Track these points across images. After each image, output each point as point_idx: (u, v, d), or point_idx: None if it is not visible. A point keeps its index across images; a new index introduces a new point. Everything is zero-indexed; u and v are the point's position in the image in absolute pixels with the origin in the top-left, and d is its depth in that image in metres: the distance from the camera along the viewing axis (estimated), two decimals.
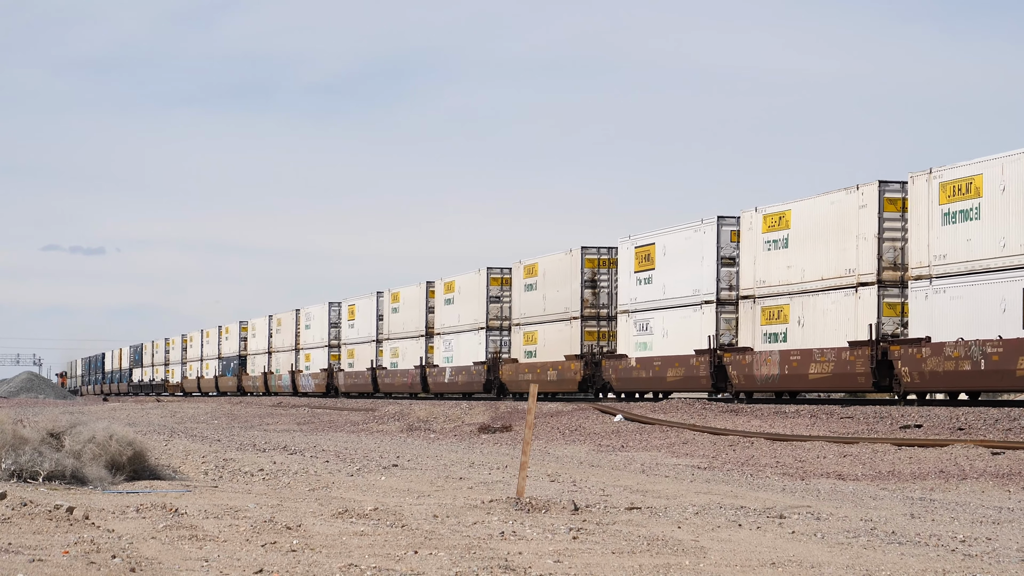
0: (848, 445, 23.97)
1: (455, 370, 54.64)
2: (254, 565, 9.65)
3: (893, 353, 30.37)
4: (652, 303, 40.51)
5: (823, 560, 10.44)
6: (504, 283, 52.19)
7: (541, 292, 47.56)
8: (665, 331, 39.82)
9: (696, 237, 38.57)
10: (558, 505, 13.71)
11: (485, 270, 52.36)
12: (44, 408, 59.87)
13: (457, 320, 54.86)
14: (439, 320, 56.90)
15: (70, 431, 16.96)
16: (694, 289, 38.39)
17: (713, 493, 16.54)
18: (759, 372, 35.08)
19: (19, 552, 9.91)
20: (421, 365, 58.19)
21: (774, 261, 34.87)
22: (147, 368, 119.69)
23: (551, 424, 33.97)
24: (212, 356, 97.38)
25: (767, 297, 35.10)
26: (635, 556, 10.50)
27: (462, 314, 54.46)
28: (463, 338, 54.27)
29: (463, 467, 20.90)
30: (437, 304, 57.43)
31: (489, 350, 51.85)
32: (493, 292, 52.22)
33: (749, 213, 35.79)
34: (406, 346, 60.67)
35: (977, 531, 12.67)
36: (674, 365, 38.87)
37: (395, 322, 62.38)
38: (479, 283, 53.05)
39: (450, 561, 10.00)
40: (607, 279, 44.67)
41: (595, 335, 44.78)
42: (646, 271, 41.07)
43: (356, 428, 39.66)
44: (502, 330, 52.09)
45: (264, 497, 15.07)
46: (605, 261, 44.61)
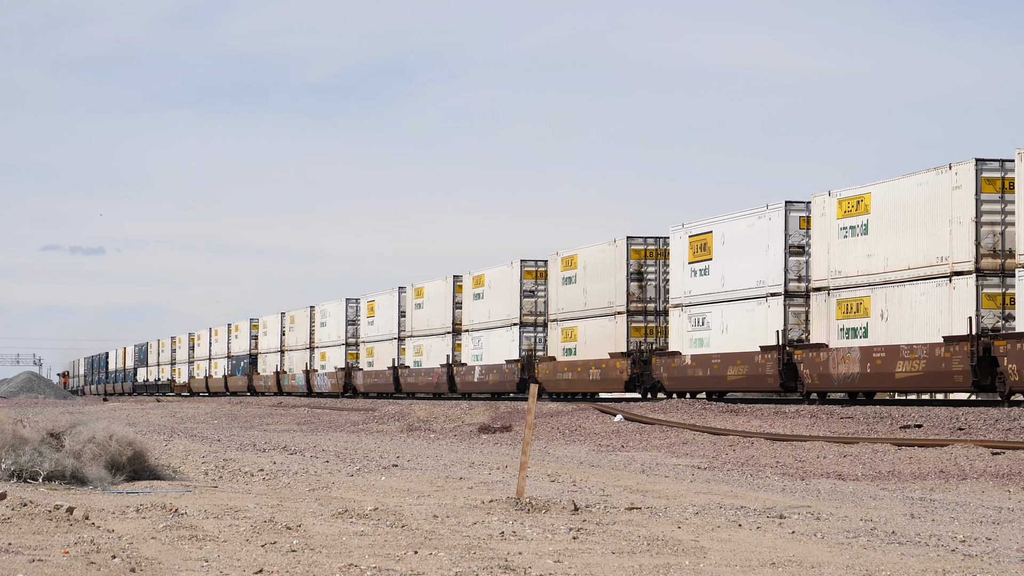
0: (848, 445, 23.98)
1: (485, 369, 51.86)
2: (254, 565, 9.65)
3: (997, 349, 27.86)
4: (709, 296, 37.75)
5: (823, 560, 10.44)
6: (539, 276, 49.48)
7: (581, 286, 44.78)
8: (724, 326, 37.07)
9: (760, 224, 35.81)
10: (558, 505, 13.71)
11: (518, 263, 49.66)
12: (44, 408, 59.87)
13: (487, 316, 52.06)
14: (467, 316, 54.00)
15: (70, 431, 16.97)
16: (758, 280, 35.71)
17: (713, 493, 16.54)
18: (836, 371, 32.32)
19: (19, 552, 9.91)
20: (448, 364, 55.34)
21: (852, 249, 32.10)
22: (152, 367, 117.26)
23: (551, 424, 33.98)
24: (221, 355, 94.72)
25: (844, 289, 32.35)
26: (635, 556, 10.50)
27: (493, 310, 51.61)
28: (494, 335, 51.51)
29: (463, 467, 20.90)
30: (465, 299, 54.52)
31: (523, 348, 49.11)
32: (527, 286, 49.54)
33: (821, 197, 33.04)
34: (431, 344, 57.95)
35: (977, 531, 12.67)
36: (735, 363, 36.20)
37: (419, 319, 59.59)
38: (512, 277, 50.18)
39: (450, 561, 10.00)
40: (654, 271, 42.04)
41: (642, 331, 41.95)
42: (702, 262, 38.25)
43: (356, 428, 39.67)
44: (537, 326, 49.41)
45: (264, 497, 15.07)
46: (652, 252, 41.92)
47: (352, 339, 68.85)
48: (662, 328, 41.82)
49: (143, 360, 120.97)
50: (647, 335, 42.09)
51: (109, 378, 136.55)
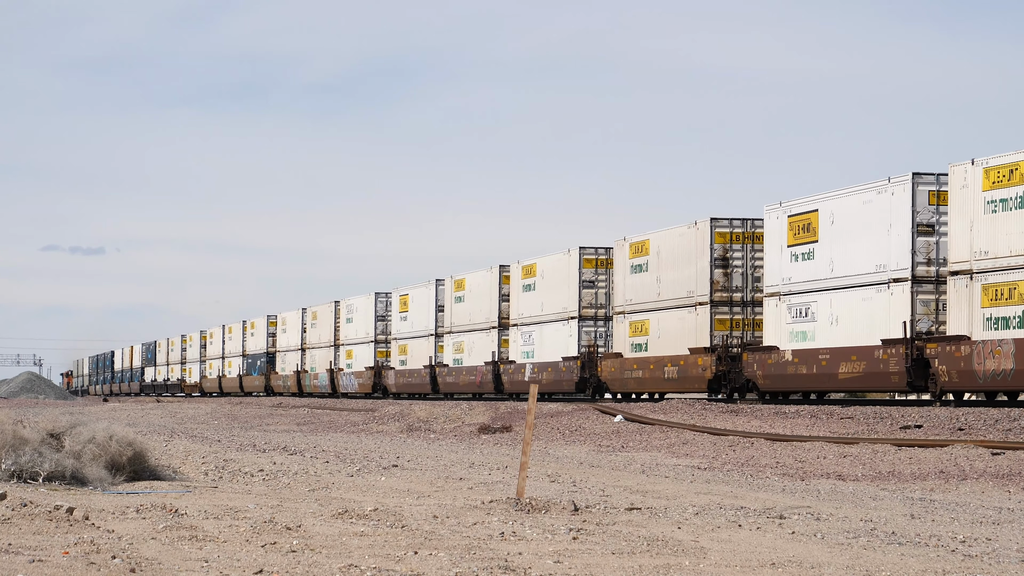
0: (848, 445, 23.97)
1: (538, 367, 47.43)
2: (254, 565, 9.65)
3: None
4: (814, 283, 33.37)
5: (823, 560, 10.44)
6: (600, 265, 44.94)
7: (654, 274, 40.36)
8: (834, 317, 32.69)
9: (880, 200, 31.39)
10: (558, 505, 13.71)
11: (576, 250, 45.25)
12: (44, 408, 59.88)
13: (540, 309, 47.70)
14: (516, 309, 49.66)
15: (70, 431, 16.98)
16: (877, 264, 31.30)
17: (713, 493, 16.54)
18: (981, 367, 28.02)
19: (19, 552, 9.91)
20: (493, 361, 50.87)
21: (1002, 226, 27.86)
22: (161, 367, 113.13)
23: (551, 424, 33.98)
24: (235, 353, 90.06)
25: (991, 272, 28.07)
26: (635, 556, 10.50)
27: (546, 302, 47.20)
28: (548, 330, 47.14)
29: (463, 467, 20.91)
30: (513, 291, 50.01)
31: (582, 343, 44.78)
32: (587, 276, 45.02)
33: (962, 167, 28.72)
34: (473, 340, 53.62)
35: (977, 531, 12.67)
36: (849, 359, 31.74)
37: (459, 313, 55.11)
38: (568, 265, 45.71)
39: (450, 561, 10.00)
40: (741, 257, 37.85)
41: (727, 323, 37.65)
42: (805, 244, 33.87)
43: (356, 428, 39.66)
44: (597, 320, 44.94)
45: (264, 498, 15.08)
46: (739, 235, 37.76)
47: (382, 336, 64.64)
48: (749, 320, 37.75)
49: (151, 359, 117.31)
50: (732, 328, 37.81)
51: (115, 378, 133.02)
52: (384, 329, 64.52)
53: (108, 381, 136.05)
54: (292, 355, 77.46)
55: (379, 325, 64.68)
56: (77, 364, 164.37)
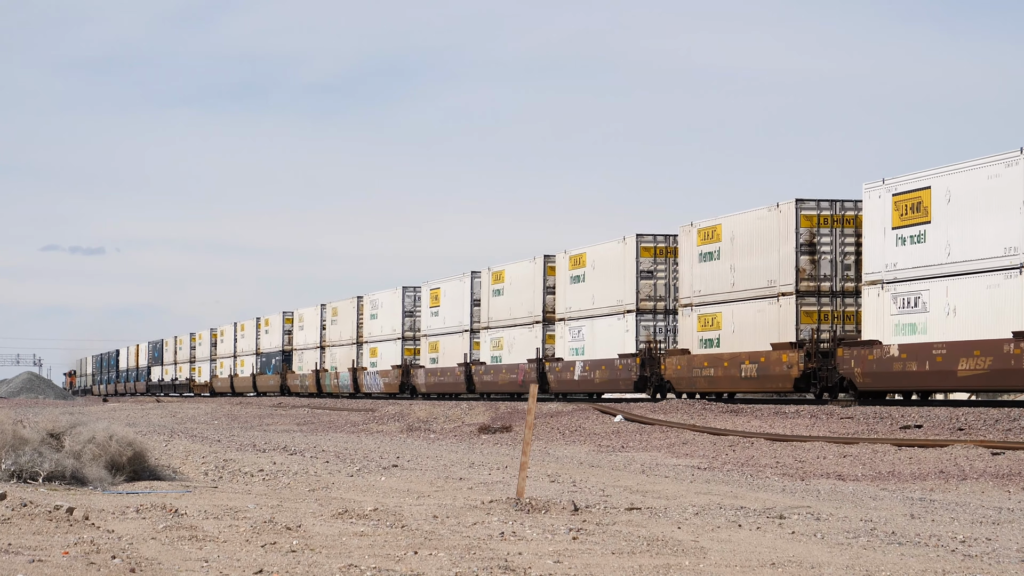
0: (848, 445, 23.98)
1: (589, 364, 43.79)
2: (254, 565, 9.65)
3: None
4: (926, 269, 29.91)
5: (823, 560, 10.44)
6: (660, 254, 41.85)
7: (726, 262, 37.03)
8: (950, 308, 29.13)
9: (1009, 175, 27.57)
10: (558, 505, 13.71)
11: (634, 238, 41.90)
12: (44, 408, 59.88)
13: (591, 302, 44.10)
14: (563, 303, 46.04)
15: (70, 431, 16.98)
16: (1006, 247, 27.67)
17: (713, 493, 16.54)
18: None
19: (19, 552, 9.91)
20: (538, 359, 47.36)
21: None
22: (168, 366, 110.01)
23: (551, 424, 33.98)
24: (248, 352, 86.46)
25: None
26: (635, 556, 10.50)
27: (598, 294, 43.65)
28: (600, 324, 43.53)
29: (463, 467, 20.91)
30: (560, 283, 46.56)
31: (640, 339, 41.41)
32: (645, 265, 41.72)
33: None
34: (514, 336, 49.83)
35: (977, 531, 12.67)
36: (971, 354, 28.21)
37: (498, 307, 51.25)
38: (624, 255, 42.44)
39: (450, 561, 10.00)
40: (830, 241, 34.27)
41: (814, 316, 34.19)
42: (914, 226, 30.25)
43: (356, 428, 39.67)
44: (657, 313, 41.75)
45: (264, 498, 15.08)
46: (827, 218, 34.25)
47: (410, 332, 60.97)
48: (839, 312, 34.30)
49: (157, 358, 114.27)
50: (820, 321, 34.30)
51: (120, 377, 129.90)
52: (412, 325, 61.06)
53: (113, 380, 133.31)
54: (310, 353, 74.01)
55: (407, 321, 61.27)
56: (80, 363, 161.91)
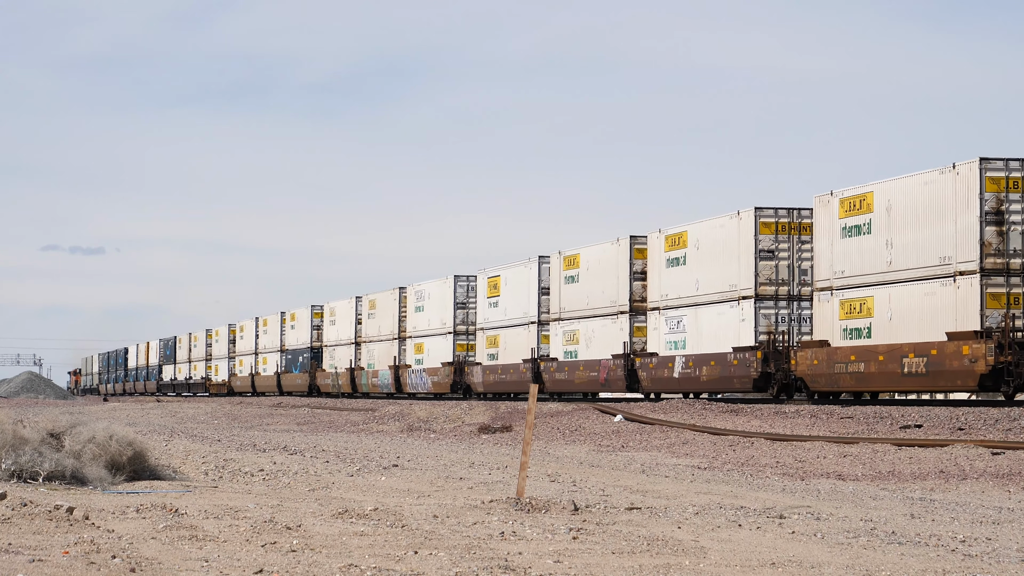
0: (848, 445, 23.98)
1: (694, 360, 38.34)
2: (254, 565, 9.65)
3: None
4: None
5: (823, 560, 10.44)
6: (783, 230, 36.15)
7: (880, 236, 31.22)
8: None
9: None
10: (558, 505, 13.71)
11: (751, 213, 36.16)
12: (44, 408, 59.88)
13: (693, 288, 38.64)
14: (657, 289, 40.48)
15: (70, 431, 16.98)
16: None
17: (713, 493, 16.54)
18: None
19: (19, 552, 9.91)
20: (625, 353, 41.94)
21: None
22: (182, 364, 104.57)
23: (551, 424, 33.98)
24: (271, 348, 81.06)
25: None
26: (635, 556, 10.50)
27: (703, 279, 38.18)
28: (707, 314, 38.09)
29: (463, 467, 20.90)
30: (652, 267, 41.06)
31: (759, 330, 36.06)
32: (765, 244, 36.12)
33: None
34: (592, 328, 44.31)
35: (977, 531, 12.67)
36: None
37: (572, 296, 45.68)
38: (739, 232, 36.82)
39: (450, 561, 10.00)
40: (1020, 210, 28.75)
41: (1001, 299, 28.55)
42: None
43: (356, 428, 39.67)
44: (780, 299, 36.12)
45: (264, 497, 15.08)
46: (1017, 181, 28.69)
47: (463, 326, 55.41)
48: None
49: (170, 356, 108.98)
50: (1010, 304, 28.59)
51: (129, 376, 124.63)
52: (465, 318, 55.50)
53: (121, 380, 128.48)
54: (343, 350, 68.44)
55: (459, 313, 55.58)
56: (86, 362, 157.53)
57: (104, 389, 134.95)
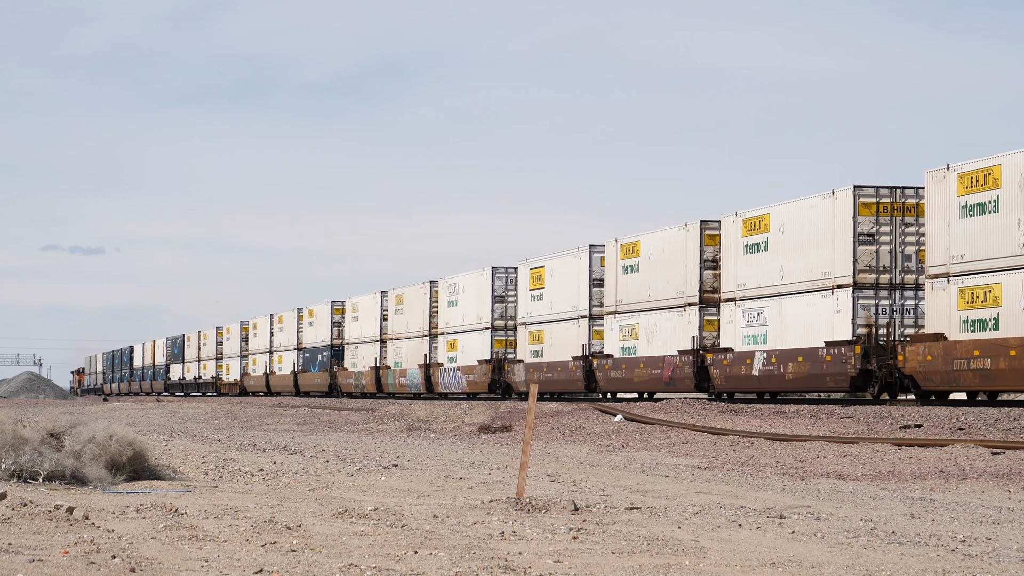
0: (848, 445, 23.98)
1: (778, 356, 34.49)
2: (254, 565, 9.65)
3: None
4: None
5: (823, 560, 10.44)
6: (885, 211, 32.47)
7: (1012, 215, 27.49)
8: None
9: None
10: (558, 505, 13.71)
11: (849, 192, 32.57)
12: (44, 408, 59.90)
13: (778, 276, 34.78)
14: (732, 278, 36.92)
15: (70, 431, 16.98)
16: None
17: (713, 493, 16.54)
18: None
19: (19, 552, 9.91)
20: (694, 349, 38.01)
21: None
22: (190, 363, 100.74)
23: (551, 424, 33.98)
24: (288, 346, 77.60)
25: None
26: (635, 556, 10.50)
27: (788, 267, 34.37)
28: (794, 304, 34.26)
29: (463, 467, 20.91)
30: (726, 254, 37.24)
31: (857, 322, 32.36)
32: (864, 226, 32.38)
33: None
34: (655, 322, 40.49)
35: (977, 531, 12.67)
36: None
37: (631, 287, 41.70)
38: (832, 212, 33.16)
39: (450, 561, 10.00)
40: None
41: None
42: None
43: (356, 428, 39.67)
44: (881, 288, 32.40)
45: (264, 497, 15.08)
46: None
47: (502, 321, 51.82)
48: None
49: (178, 355, 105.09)
50: None
51: (135, 375, 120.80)
52: (504, 312, 51.76)
53: (127, 379, 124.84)
54: (367, 348, 64.89)
55: (497, 308, 51.84)
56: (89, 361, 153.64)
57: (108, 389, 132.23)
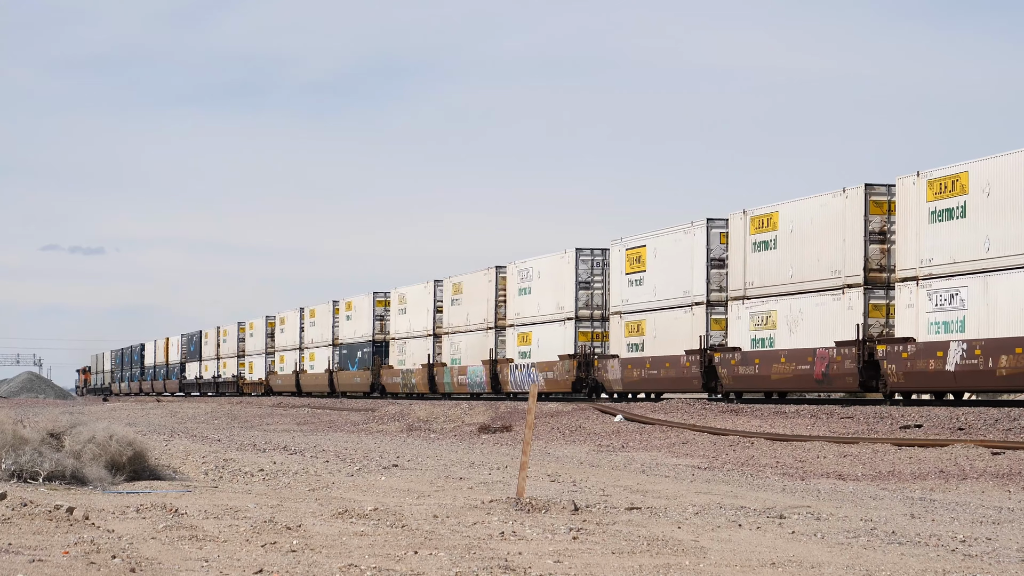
0: (848, 445, 23.98)
1: (983, 347, 27.96)
2: (254, 565, 9.65)
3: None
4: None
5: (823, 560, 10.44)
6: None
7: None
8: None
9: None
10: (558, 505, 13.71)
11: None
12: (44, 408, 59.89)
13: (981, 248, 28.40)
14: (915, 254, 30.29)
15: (70, 431, 16.98)
16: None
17: (713, 493, 16.54)
18: None
19: (19, 552, 9.91)
20: (859, 340, 31.54)
21: None
22: (208, 361, 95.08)
23: (551, 424, 33.97)
24: (321, 342, 71.40)
25: None
26: (635, 556, 10.50)
27: (996, 236, 27.99)
28: (1003, 283, 27.94)
29: (463, 467, 20.90)
30: (905, 225, 30.71)
31: None
32: None
33: None
34: (800, 308, 33.97)
35: (977, 531, 12.67)
36: None
37: (762, 266, 35.55)
38: None
39: (450, 561, 10.00)
40: None
41: None
42: None
43: (356, 428, 39.67)
44: None
45: (264, 497, 15.08)
46: None
47: (587, 310, 45.47)
48: None
49: (194, 353, 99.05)
50: None
51: (146, 374, 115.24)
52: (590, 301, 45.29)
53: (136, 378, 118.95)
54: (418, 343, 58.61)
55: (582, 295, 45.34)
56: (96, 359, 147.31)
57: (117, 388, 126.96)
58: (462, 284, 54.92)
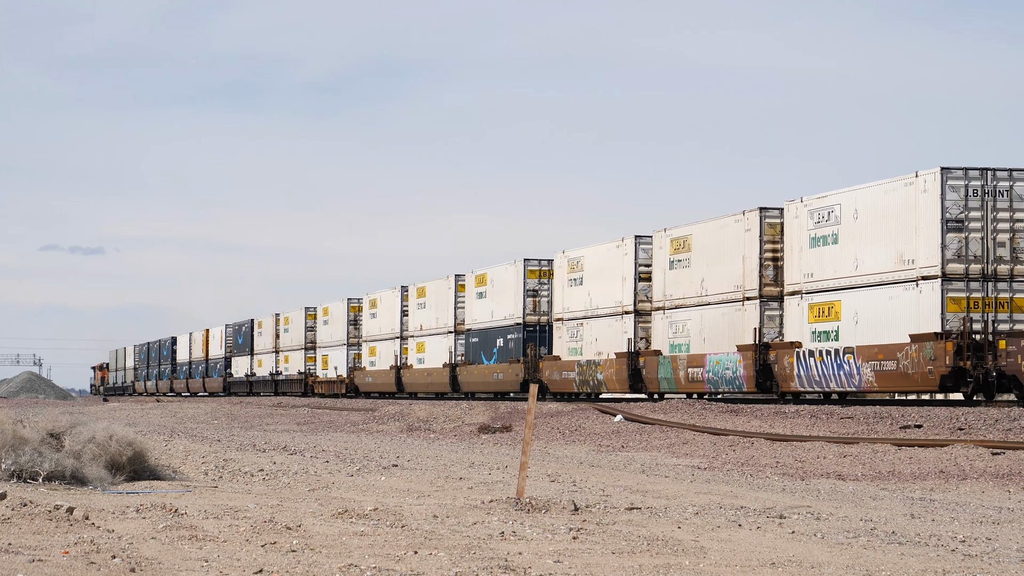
0: (848, 445, 23.98)
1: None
2: (254, 565, 9.65)
3: None
4: None
5: (823, 560, 10.44)
6: None
7: None
8: None
9: None
10: (558, 505, 13.71)
11: None
12: (44, 408, 59.88)
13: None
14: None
15: (70, 431, 16.98)
16: None
17: (713, 493, 16.54)
18: None
19: (19, 552, 9.91)
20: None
21: None
22: (263, 355, 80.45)
23: (551, 424, 33.96)
24: (436, 328, 56.17)
25: None
26: (635, 556, 10.50)
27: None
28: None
29: (463, 467, 20.90)
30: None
31: None
32: None
33: None
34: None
35: (977, 531, 12.67)
36: None
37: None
38: None
39: (450, 561, 10.00)
40: None
41: None
42: None
43: (356, 428, 39.66)
44: None
45: (264, 497, 15.08)
46: None
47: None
48: None
49: (243, 346, 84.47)
50: None
51: (179, 371, 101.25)
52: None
53: (167, 376, 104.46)
54: (602, 324, 43.78)
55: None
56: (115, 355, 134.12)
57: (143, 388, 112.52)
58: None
